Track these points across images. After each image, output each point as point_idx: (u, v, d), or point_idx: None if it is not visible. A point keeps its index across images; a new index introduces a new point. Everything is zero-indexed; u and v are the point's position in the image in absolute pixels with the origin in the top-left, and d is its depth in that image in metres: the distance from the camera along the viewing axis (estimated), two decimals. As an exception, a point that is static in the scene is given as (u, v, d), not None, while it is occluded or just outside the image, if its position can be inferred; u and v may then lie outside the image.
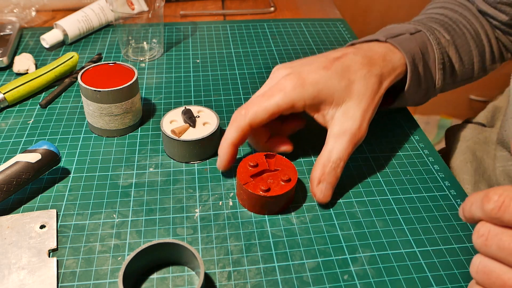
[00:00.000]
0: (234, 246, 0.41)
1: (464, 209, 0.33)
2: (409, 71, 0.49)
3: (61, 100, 0.59)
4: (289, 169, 0.44)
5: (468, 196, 0.32)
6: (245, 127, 0.44)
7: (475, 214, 0.31)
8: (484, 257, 0.30)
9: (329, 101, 0.44)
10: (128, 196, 0.46)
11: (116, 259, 0.39)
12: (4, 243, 0.40)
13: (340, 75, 0.45)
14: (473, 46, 0.57)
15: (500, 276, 0.29)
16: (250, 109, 0.44)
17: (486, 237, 0.29)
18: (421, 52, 0.50)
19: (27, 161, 0.44)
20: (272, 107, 0.44)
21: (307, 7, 0.89)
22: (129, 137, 0.53)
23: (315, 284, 0.38)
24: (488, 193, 0.29)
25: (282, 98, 0.44)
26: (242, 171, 0.44)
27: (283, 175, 0.43)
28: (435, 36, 0.54)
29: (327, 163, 0.44)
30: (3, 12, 0.75)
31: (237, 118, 0.45)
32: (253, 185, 0.43)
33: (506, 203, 0.28)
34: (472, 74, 0.59)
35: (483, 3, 0.60)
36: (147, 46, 0.70)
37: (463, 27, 0.58)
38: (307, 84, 0.44)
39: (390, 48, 0.49)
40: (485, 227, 0.30)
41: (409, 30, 0.52)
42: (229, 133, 0.45)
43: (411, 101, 0.53)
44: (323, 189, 0.44)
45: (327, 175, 0.44)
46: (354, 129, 0.44)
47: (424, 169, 0.50)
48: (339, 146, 0.44)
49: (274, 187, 0.43)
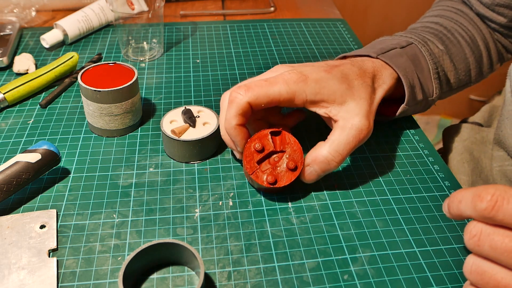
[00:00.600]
0: (234, 246, 0.41)
1: (450, 205, 0.33)
2: (405, 85, 0.49)
3: (61, 100, 0.59)
4: (295, 151, 0.44)
5: (454, 193, 0.32)
6: (245, 106, 0.43)
7: (465, 212, 0.31)
8: (477, 257, 0.30)
9: (331, 100, 0.44)
10: (128, 196, 0.46)
11: (116, 259, 0.39)
12: (4, 243, 0.40)
13: (340, 79, 0.45)
14: (469, 53, 0.58)
15: (493, 276, 0.29)
16: (251, 89, 0.43)
17: (479, 237, 0.30)
18: (413, 65, 0.51)
19: (27, 161, 0.44)
20: (273, 94, 0.43)
21: (307, 7, 0.89)
22: (129, 137, 0.53)
23: (315, 284, 0.38)
24: (480, 192, 0.29)
25: (285, 88, 0.43)
26: (248, 155, 0.44)
27: (290, 161, 0.43)
28: (428, 47, 0.55)
29: (323, 151, 0.43)
30: (3, 12, 0.75)
31: (235, 98, 0.43)
32: (260, 174, 0.43)
33: (499, 203, 0.28)
34: (470, 79, 0.60)
35: (481, 6, 0.60)
36: (147, 46, 0.70)
37: (458, 35, 0.59)
38: (310, 80, 0.44)
39: (381, 64, 0.50)
40: (477, 227, 0.30)
41: (400, 44, 0.53)
42: (229, 114, 0.43)
43: (411, 111, 0.54)
44: (308, 172, 0.44)
45: (318, 163, 0.43)
46: (362, 124, 0.43)
47: (424, 169, 0.50)
48: (343, 139, 0.43)
49: (280, 177, 0.43)
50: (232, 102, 0.43)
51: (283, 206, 0.45)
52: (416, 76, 0.51)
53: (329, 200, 0.46)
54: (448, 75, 0.56)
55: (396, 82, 0.50)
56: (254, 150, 0.44)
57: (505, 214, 0.28)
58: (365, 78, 0.46)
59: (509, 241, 0.28)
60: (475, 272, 0.30)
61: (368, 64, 0.49)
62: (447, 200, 0.33)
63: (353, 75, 0.46)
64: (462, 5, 0.63)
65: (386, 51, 0.51)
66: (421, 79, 0.52)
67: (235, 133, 0.43)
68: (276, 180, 0.43)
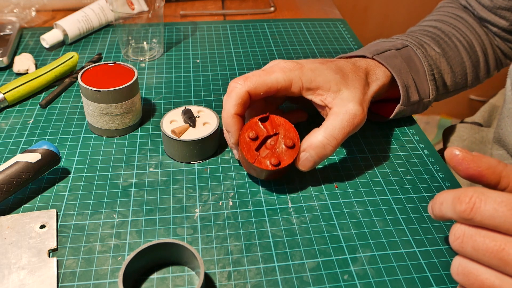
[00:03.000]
0: (234, 246, 0.41)
1: (433, 207, 0.34)
2: (399, 85, 0.50)
3: (61, 100, 0.59)
4: (288, 130, 0.45)
5: (437, 194, 0.33)
6: (244, 94, 0.43)
7: (446, 214, 0.32)
8: (463, 258, 0.31)
9: (326, 88, 0.45)
10: (128, 196, 0.46)
11: (116, 259, 0.39)
12: (4, 243, 0.40)
13: (335, 70, 0.46)
14: (466, 57, 0.59)
15: (478, 277, 0.30)
16: (249, 79, 0.44)
17: (462, 239, 0.30)
18: (407, 66, 0.52)
19: (27, 161, 0.44)
20: (271, 82, 0.44)
21: (307, 7, 0.89)
22: (129, 137, 0.53)
23: (315, 284, 0.38)
24: (459, 195, 0.30)
25: (282, 76, 0.44)
26: (245, 145, 0.44)
27: (286, 140, 0.44)
28: (424, 49, 0.55)
29: (318, 136, 0.44)
30: (3, 12, 0.75)
31: (235, 88, 0.44)
32: (262, 160, 0.43)
33: (476, 205, 0.29)
34: (466, 83, 0.60)
35: (483, 10, 0.60)
36: (147, 46, 0.70)
37: (456, 40, 0.59)
38: (305, 69, 0.45)
39: (374, 63, 0.51)
40: (460, 229, 0.31)
41: (395, 46, 0.54)
42: (228, 103, 0.44)
43: (408, 112, 0.54)
44: (304, 158, 0.44)
45: (314, 148, 0.44)
46: (356, 109, 0.44)
47: (424, 169, 0.50)
48: (337, 124, 0.43)
49: (282, 157, 0.43)
50: (231, 92, 0.44)
51: (283, 206, 0.45)
52: (411, 77, 0.52)
53: (329, 200, 0.46)
54: (445, 77, 0.56)
55: (390, 82, 0.51)
56: (249, 139, 0.44)
57: (483, 216, 0.28)
58: (358, 72, 0.48)
59: (490, 241, 0.29)
60: (461, 273, 0.31)
61: (361, 62, 0.50)
62: (431, 201, 0.34)
63: (347, 69, 0.47)
64: (462, 12, 0.64)
65: (381, 52, 0.52)
66: (416, 80, 0.52)
67: (231, 122, 0.44)
68: (279, 161, 0.43)
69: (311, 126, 0.55)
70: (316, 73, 0.45)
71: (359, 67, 0.49)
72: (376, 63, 0.51)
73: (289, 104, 0.58)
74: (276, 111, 0.52)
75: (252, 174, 0.46)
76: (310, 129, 0.45)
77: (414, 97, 0.52)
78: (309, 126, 0.55)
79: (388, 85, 0.51)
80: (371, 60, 0.51)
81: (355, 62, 0.49)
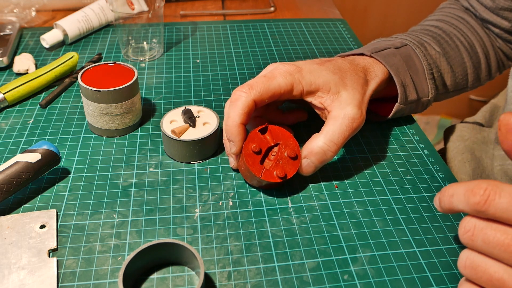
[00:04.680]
0: (234, 246, 0.41)
1: (442, 200, 0.33)
2: (397, 83, 0.50)
3: (61, 100, 0.59)
4: (287, 139, 0.45)
5: (445, 187, 0.33)
6: (251, 103, 0.43)
7: (457, 206, 0.31)
8: (471, 251, 0.31)
9: (326, 89, 0.45)
10: (128, 196, 0.46)
11: (116, 259, 0.39)
12: (4, 243, 0.40)
13: (333, 70, 0.46)
14: (467, 58, 0.59)
15: (487, 270, 0.30)
16: (254, 87, 0.43)
17: (472, 232, 0.30)
18: (406, 65, 0.52)
19: (27, 161, 0.44)
20: (274, 88, 0.44)
21: (307, 7, 0.89)
22: (129, 137, 0.53)
23: (315, 284, 0.38)
24: (473, 187, 0.30)
25: (283, 80, 0.44)
26: (250, 159, 0.44)
27: (288, 151, 0.44)
28: (423, 48, 0.55)
29: (318, 142, 0.44)
30: (3, 12, 0.75)
31: (240, 97, 0.43)
32: (268, 173, 0.44)
33: (491, 197, 0.29)
34: (466, 84, 0.60)
35: (485, 11, 0.60)
36: (147, 46, 0.70)
37: (457, 40, 0.59)
38: (304, 71, 0.45)
39: (372, 60, 0.51)
40: (471, 222, 0.30)
41: (394, 45, 0.54)
42: (234, 112, 0.43)
43: (408, 111, 0.54)
44: (305, 164, 0.45)
45: (314, 154, 0.44)
46: (354, 113, 0.44)
47: (424, 169, 0.50)
48: (337, 129, 0.44)
49: (286, 168, 0.44)
50: (237, 101, 0.43)
51: (283, 206, 0.45)
52: (409, 76, 0.52)
53: (329, 200, 0.46)
54: (445, 77, 0.56)
55: (388, 79, 0.51)
56: (253, 152, 0.44)
57: (497, 208, 0.28)
58: (357, 70, 0.48)
59: (501, 235, 0.29)
60: (469, 266, 0.31)
61: (359, 60, 0.50)
62: (439, 194, 0.34)
63: (345, 68, 0.47)
64: (463, 13, 0.64)
65: (379, 50, 0.52)
66: (415, 79, 0.52)
67: (236, 132, 0.43)
68: (285, 174, 0.44)
69: (311, 126, 0.55)
70: (315, 75, 0.45)
71: (357, 66, 0.49)
72: (374, 61, 0.51)
73: (289, 104, 0.58)
74: (276, 112, 0.52)
75: (253, 184, 0.46)
76: (310, 129, 0.45)
77: (412, 96, 0.52)
78: (309, 126, 0.55)
79: (386, 82, 0.51)
80: (369, 58, 0.51)
81: (353, 61, 0.50)
